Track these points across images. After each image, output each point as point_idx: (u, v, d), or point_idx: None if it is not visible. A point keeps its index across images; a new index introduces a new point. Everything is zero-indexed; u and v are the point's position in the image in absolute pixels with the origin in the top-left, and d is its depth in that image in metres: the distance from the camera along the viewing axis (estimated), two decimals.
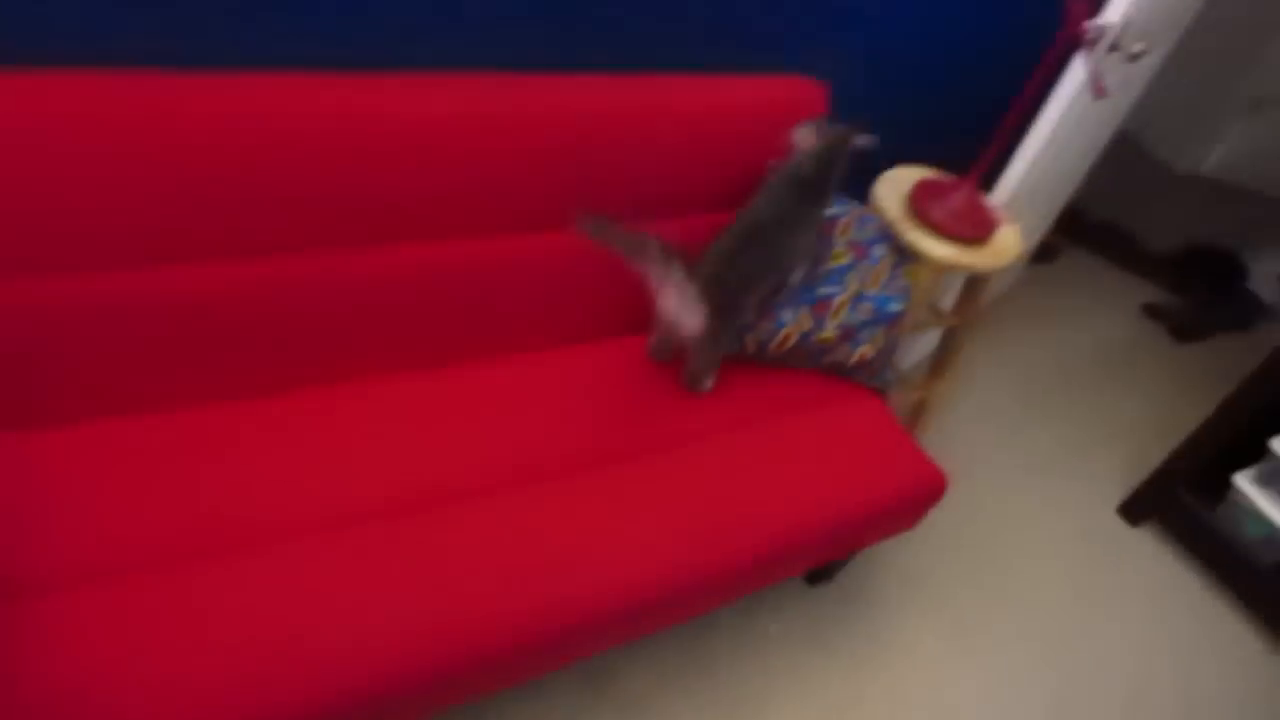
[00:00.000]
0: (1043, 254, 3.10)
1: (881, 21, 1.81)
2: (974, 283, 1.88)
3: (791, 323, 1.54)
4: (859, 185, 1.79)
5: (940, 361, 2.06)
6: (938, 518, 2.02)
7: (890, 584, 1.90)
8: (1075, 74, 1.75)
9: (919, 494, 1.54)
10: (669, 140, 1.52)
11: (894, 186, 1.79)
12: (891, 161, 1.88)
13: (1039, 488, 2.27)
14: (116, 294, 1.19)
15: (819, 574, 1.83)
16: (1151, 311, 3.09)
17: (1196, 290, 3.20)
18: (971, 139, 1.95)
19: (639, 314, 1.54)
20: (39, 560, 1.07)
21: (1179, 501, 2.13)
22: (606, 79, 1.51)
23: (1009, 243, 1.75)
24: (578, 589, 1.21)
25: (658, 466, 1.40)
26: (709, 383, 1.53)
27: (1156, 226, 3.44)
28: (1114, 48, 1.71)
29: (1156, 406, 2.67)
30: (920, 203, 1.71)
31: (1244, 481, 2.04)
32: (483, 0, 1.38)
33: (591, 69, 1.52)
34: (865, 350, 1.58)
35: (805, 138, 1.49)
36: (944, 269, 1.70)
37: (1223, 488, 2.07)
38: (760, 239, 1.44)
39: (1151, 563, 2.16)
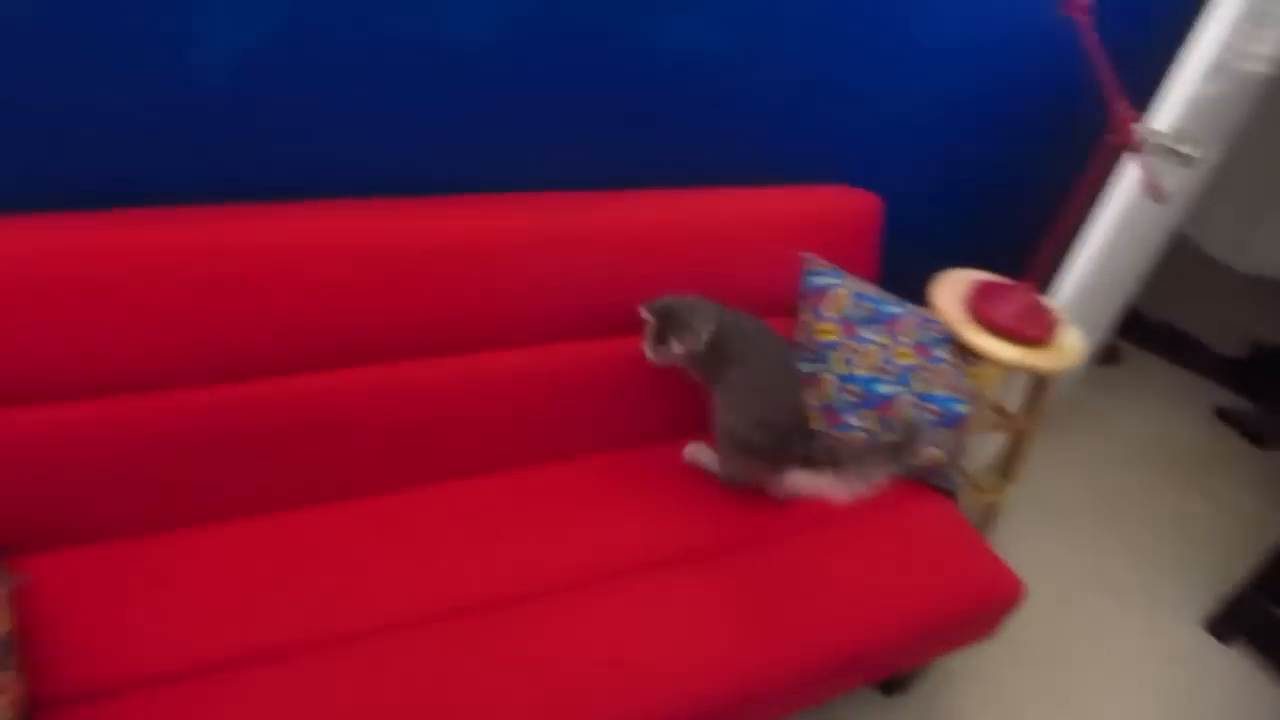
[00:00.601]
0: (1106, 356, 3.06)
1: (929, 129, 1.87)
2: (1039, 384, 1.86)
3: (858, 426, 1.54)
4: (914, 289, 1.81)
5: (1007, 464, 2.02)
6: (1012, 626, 1.94)
7: (965, 696, 1.81)
8: (1128, 176, 1.78)
9: (995, 601, 1.49)
10: (720, 249, 1.58)
11: (951, 289, 1.80)
12: (945, 265, 1.90)
13: (1114, 597, 2.17)
14: (183, 411, 1.24)
15: (894, 684, 1.75)
16: (1225, 416, 3.00)
17: (1269, 393, 3.10)
18: (1021, 242, 1.97)
19: (703, 418, 1.55)
20: (93, 672, 1.09)
21: (1271, 619, 2.01)
22: (660, 193, 1.58)
23: (1073, 343, 1.74)
24: (652, 698, 1.18)
25: (732, 568, 1.39)
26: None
27: (1220, 327, 3.38)
28: (1166, 151, 1.74)
29: (1236, 515, 2.55)
30: (980, 305, 1.72)
31: None
32: (544, 127, 1.47)
33: (647, 185, 1.60)
34: (934, 452, 1.56)
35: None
36: (1009, 370, 1.70)
37: None
38: (773, 383, 1.49)
39: (1243, 684, 2.02)
